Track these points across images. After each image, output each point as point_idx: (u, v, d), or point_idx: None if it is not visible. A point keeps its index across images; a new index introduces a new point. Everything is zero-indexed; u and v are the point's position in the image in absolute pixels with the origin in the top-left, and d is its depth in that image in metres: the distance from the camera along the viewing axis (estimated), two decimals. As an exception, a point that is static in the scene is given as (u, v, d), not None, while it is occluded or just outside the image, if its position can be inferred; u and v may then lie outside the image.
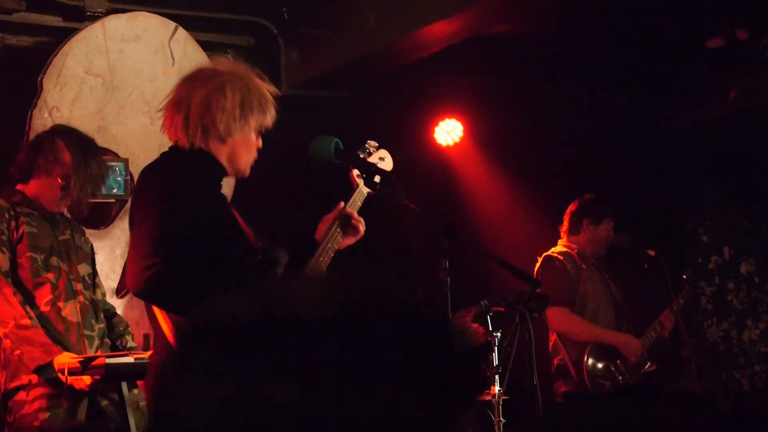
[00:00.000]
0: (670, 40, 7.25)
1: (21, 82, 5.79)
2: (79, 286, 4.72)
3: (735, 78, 7.76)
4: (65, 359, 4.34)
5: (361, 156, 3.92)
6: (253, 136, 3.50)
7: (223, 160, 3.47)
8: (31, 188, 4.73)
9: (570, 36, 7.08)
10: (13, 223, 4.61)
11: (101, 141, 5.45)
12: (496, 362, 5.37)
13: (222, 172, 3.50)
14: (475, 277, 6.28)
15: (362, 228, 3.71)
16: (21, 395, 4.49)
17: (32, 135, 5.55)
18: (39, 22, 6.06)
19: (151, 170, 3.54)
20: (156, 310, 3.31)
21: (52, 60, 5.81)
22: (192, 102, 3.43)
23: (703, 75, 7.81)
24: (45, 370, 4.40)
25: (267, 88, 3.53)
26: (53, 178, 4.70)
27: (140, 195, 3.44)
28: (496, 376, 5.34)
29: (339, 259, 3.67)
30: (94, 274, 4.94)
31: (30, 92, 5.71)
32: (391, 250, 6.78)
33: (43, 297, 4.58)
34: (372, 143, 3.97)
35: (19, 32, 6.02)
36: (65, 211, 4.92)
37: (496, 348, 5.41)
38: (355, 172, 3.86)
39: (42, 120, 5.64)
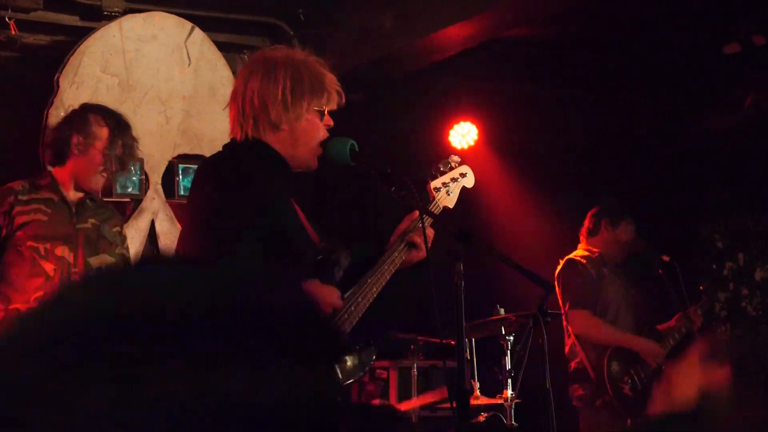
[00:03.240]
0: (687, 46, 7.23)
1: (38, 81, 5.81)
2: None
3: (751, 84, 7.74)
4: None
5: (442, 169, 3.86)
6: (316, 121, 3.36)
7: (281, 149, 3.33)
8: (68, 169, 4.69)
9: (586, 41, 7.07)
10: (17, 208, 4.56)
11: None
12: (509, 366, 5.38)
13: (281, 162, 3.33)
14: (489, 281, 6.27)
15: (421, 247, 3.55)
16: None
17: (48, 133, 5.57)
18: (56, 21, 6.08)
19: (208, 163, 3.45)
20: None
21: (68, 59, 5.83)
22: (244, 92, 3.32)
23: (719, 81, 7.78)
24: None
25: (325, 71, 3.40)
26: (92, 154, 4.67)
27: (196, 188, 3.32)
28: (509, 380, 5.34)
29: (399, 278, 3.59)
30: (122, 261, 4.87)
31: (47, 91, 5.72)
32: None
33: (34, 290, 4.54)
34: (455, 158, 3.92)
35: (37, 31, 6.04)
36: (99, 192, 4.86)
37: (509, 352, 5.42)
38: (433, 185, 3.80)
39: (58, 118, 5.65)
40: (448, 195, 3.86)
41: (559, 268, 6.31)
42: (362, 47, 6.56)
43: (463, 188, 3.97)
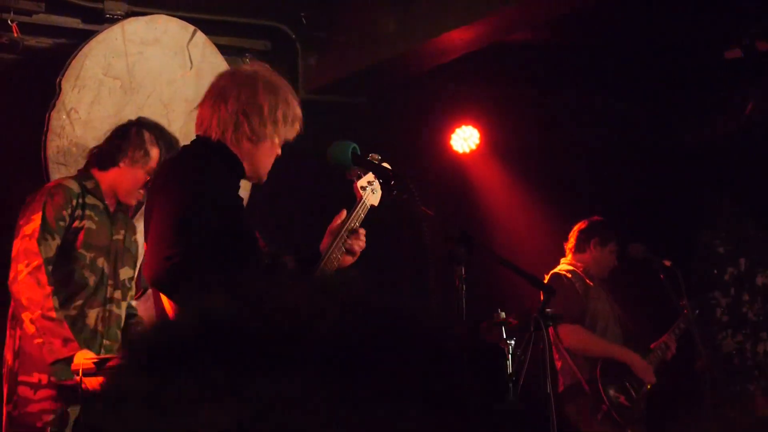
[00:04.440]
0: (688, 51, 7.23)
1: (40, 84, 5.81)
2: (116, 294, 4.65)
3: (753, 90, 7.74)
4: (82, 358, 4.30)
5: (365, 168, 3.91)
6: (277, 146, 3.53)
7: (245, 161, 3.47)
8: (109, 176, 4.68)
9: (588, 46, 7.07)
10: (78, 212, 4.56)
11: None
12: (509, 371, 5.37)
13: (242, 173, 3.50)
14: (490, 285, 6.26)
15: (358, 249, 3.69)
16: (28, 392, 4.47)
17: (50, 136, 5.57)
18: (58, 23, 6.09)
19: (174, 160, 3.55)
20: (167, 305, 3.27)
21: (71, 62, 5.83)
22: (231, 98, 3.44)
23: (720, 86, 7.78)
24: (62, 367, 4.38)
25: (298, 107, 3.58)
26: (138, 170, 4.67)
27: (163, 184, 3.40)
28: (510, 385, 5.34)
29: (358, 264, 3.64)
30: (133, 278, 4.89)
31: (48, 94, 5.72)
32: (407, 257, 6.78)
33: (76, 299, 4.55)
34: (374, 155, 3.96)
35: (39, 34, 6.05)
36: (132, 208, 4.85)
37: (510, 356, 5.41)
38: (359, 183, 3.85)
39: (60, 121, 5.65)
40: (374, 193, 3.91)
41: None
42: (364, 51, 6.56)
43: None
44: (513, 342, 5.43)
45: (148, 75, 6.07)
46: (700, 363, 6.75)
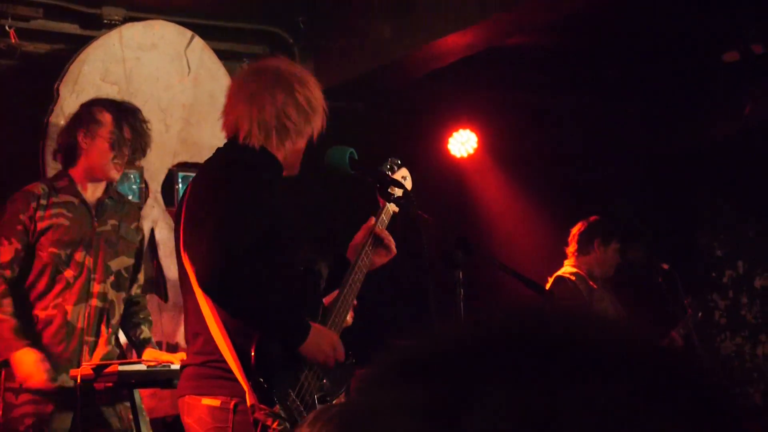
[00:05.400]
0: (685, 54, 7.24)
1: (38, 89, 5.82)
2: (98, 288, 4.61)
3: (750, 92, 7.75)
4: (25, 356, 4.33)
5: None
6: (305, 141, 3.52)
7: (285, 160, 3.44)
8: (81, 165, 4.66)
9: (585, 50, 7.08)
10: (39, 213, 4.53)
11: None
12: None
13: (282, 171, 3.46)
14: (488, 289, 6.26)
15: (393, 247, 3.67)
16: (10, 397, 4.46)
17: (48, 141, 5.57)
18: (56, 29, 6.10)
19: (213, 163, 3.44)
20: (207, 310, 3.22)
21: (68, 67, 5.84)
22: (267, 103, 3.39)
23: (719, 89, 7.79)
24: (57, 369, 4.41)
25: (323, 101, 3.55)
26: (99, 142, 4.63)
27: (204, 188, 3.32)
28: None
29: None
30: (137, 266, 4.83)
31: (46, 99, 5.73)
32: (405, 262, 6.77)
33: (54, 297, 4.54)
34: (394, 160, 3.95)
35: (37, 39, 6.06)
36: (115, 182, 4.80)
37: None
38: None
39: (58, 127, 5.65)
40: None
41: (548, 285, 6.30)
42: (362, 56, 6.57)
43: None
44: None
45: (145, 80, 6.07)
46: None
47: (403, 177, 3.93)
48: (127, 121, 4.68)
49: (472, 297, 3.43)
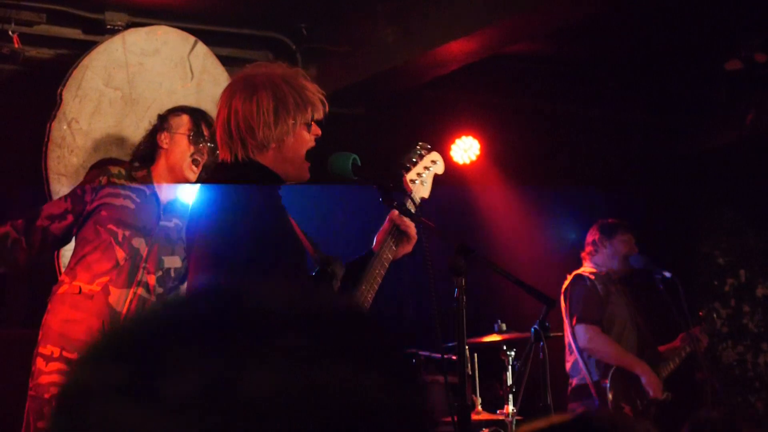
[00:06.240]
0: (688, 63, 7.24)
1: (41, 94, 5.82)
2: (146, 277, 4.60)
3: (753, 101, 7.75)
4: None
5: (414, 159, 3.89)
6: (303, 135, 3.39)
7: (273, 166, 3.36)
8: (161, 165, 4.74)
9: (588, 57, 7.08)
10: (107, 190, 4.61)
11: (120, 154, 5.48)
12: (509, 382, 5.37)
13: (275, 179, 3.38)
14: (490, 296, 6.26)
15: (413, 232, 3.61)
16: (41, 364, 4.49)
17: (51, 146, 5.57)
18: (59, 34, 6.10)
19: (208, 188, 3.43)
20: None
21: (71, 72, 5.83)
22: (228, 116, 3.35)
23: (720, 97, 7.80)
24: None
25: (306, 82, 3.42)
26: (178, 138, 4.74)
27: (200, 214, 3.33)
28: (510, 396, 5.33)
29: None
30: (185, 274, 4.75)
31: (49, 104, 5.73)
32: (407, 268, 6.78)
33: (101, 274, 4.55)
34: (424, 144, 3.94)
35: (40, 44, 6.06)
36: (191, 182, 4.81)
37: (510, 367, 5.41)
38: (408, 177, 3.81)
39: (61, 132, 5.66)
40: (423, 185, 3.89)
41: (566, 282, 6.32)
42: (364, 62, 6.57)
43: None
44: (513, 353, 5.45)
45: (148, 86, 6.07)
46: (700, 374, 6.75)
47: (433, 161, 3.94)
48: (204, 120, 4.80)
49: (475, 303, 3.43)
